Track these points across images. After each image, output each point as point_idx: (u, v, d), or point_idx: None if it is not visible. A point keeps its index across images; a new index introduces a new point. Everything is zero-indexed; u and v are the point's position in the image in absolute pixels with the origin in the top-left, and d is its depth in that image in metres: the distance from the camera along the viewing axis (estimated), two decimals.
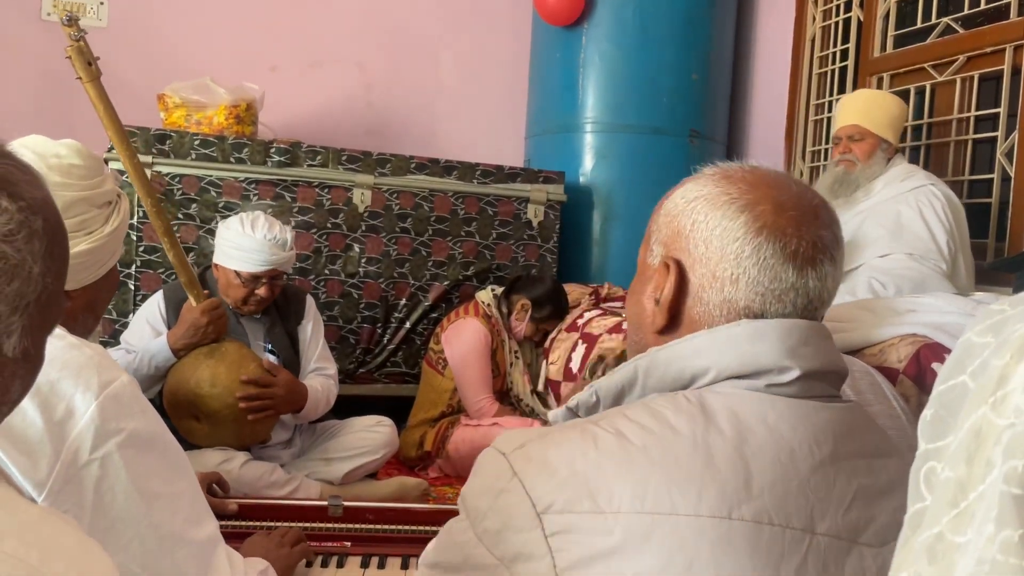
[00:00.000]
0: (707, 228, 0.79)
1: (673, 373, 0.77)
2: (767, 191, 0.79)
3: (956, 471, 0.42)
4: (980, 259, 2.68)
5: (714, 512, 0.67)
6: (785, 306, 0.77)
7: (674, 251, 0.82)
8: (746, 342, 0.75)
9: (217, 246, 2.34)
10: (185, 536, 1.05)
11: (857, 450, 0.74)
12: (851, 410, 0.78)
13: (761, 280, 0.76)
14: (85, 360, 1.01)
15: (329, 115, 3.97)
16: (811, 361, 0.75)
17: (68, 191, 1.14)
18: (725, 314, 0.78)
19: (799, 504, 0.69)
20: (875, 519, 0.72)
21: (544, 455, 0.71)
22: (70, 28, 1.72)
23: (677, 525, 0.66)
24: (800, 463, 0.71)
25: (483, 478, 0.74)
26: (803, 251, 0.76)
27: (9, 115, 3.50)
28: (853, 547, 0.70)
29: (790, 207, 0.78)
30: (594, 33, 3.51)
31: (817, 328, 0.78)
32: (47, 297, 0.65)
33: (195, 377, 2.10)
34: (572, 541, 0.67)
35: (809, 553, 0.68)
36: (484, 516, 0.72)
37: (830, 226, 0.80)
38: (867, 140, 2.54)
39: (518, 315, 2.94)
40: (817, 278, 0.77)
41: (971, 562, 0.39)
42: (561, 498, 0.68)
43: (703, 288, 0.79)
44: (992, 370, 0.42)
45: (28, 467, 0.93)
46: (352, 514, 1.73)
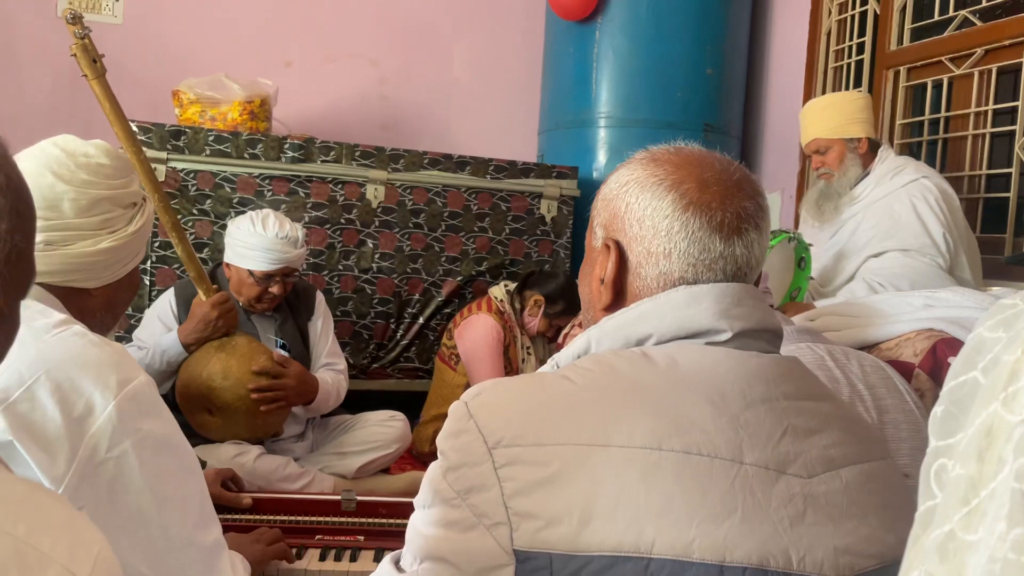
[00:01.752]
0: (639, 208, 0.86)
1: (621, 337, 0.83)
2: (691, 170, 0.86)
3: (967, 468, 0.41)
4: (998, 254, 2.65)
5: (645, 443, 0.73)
6: (716, 274, 0.84)
7: (612, 232, 0.89)
8: (684, 306, 0.82)
9: (228, 245, 2.36)
10: (194, 539, 1.06)
11: (789, 393, 0.80)
12: (786, 360, 0.85)
13: (691, 252, 0.83)
14: (105, 358, 1.02)
15: (342, 111, 3.98)
16: (744, 321, 0.81)
17: (94, 189, 1.16)
18: (661, 285, 0.85)
19: (728, 437, 0.75)
20: (804, 453, 0.77)
21: (497, 398, 0.80)
22: (74, 26, 1.73)
23: (610, 455, 0.73)
24: (732, 402, 0.77)
25: (448, 424, 0.81)
26: (728, 222, 0.83)
27: (25, 112, 3.53)
28: (781, 476, 0.75)
29: (713, 183, 0.84)
30: (608, 27, 3.50)
31: (748, 289, 0.84)
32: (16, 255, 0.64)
33: (207, 370, 2.11)
34: (517, 471, 0.74)
35: (736, 479, 0.73)
36: (447, 455, 0.79)
37: (753, 197, 0.86)
38: (832, 148, 2.53)
39: (531, 311, 2.94)
40: (744, 246, 0.84)
41: (983, 560, 0.38)
42: (509, 434, 0.75)
43: (640, 264, 0.86)
44: (1003, 366, 0.41)
45: (46, 462, 0.94)
46: (365, 508, 1.74)
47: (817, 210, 2.59)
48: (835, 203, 2.54)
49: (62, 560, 0.56)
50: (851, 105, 2.52)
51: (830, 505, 0.76)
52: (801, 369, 0.85)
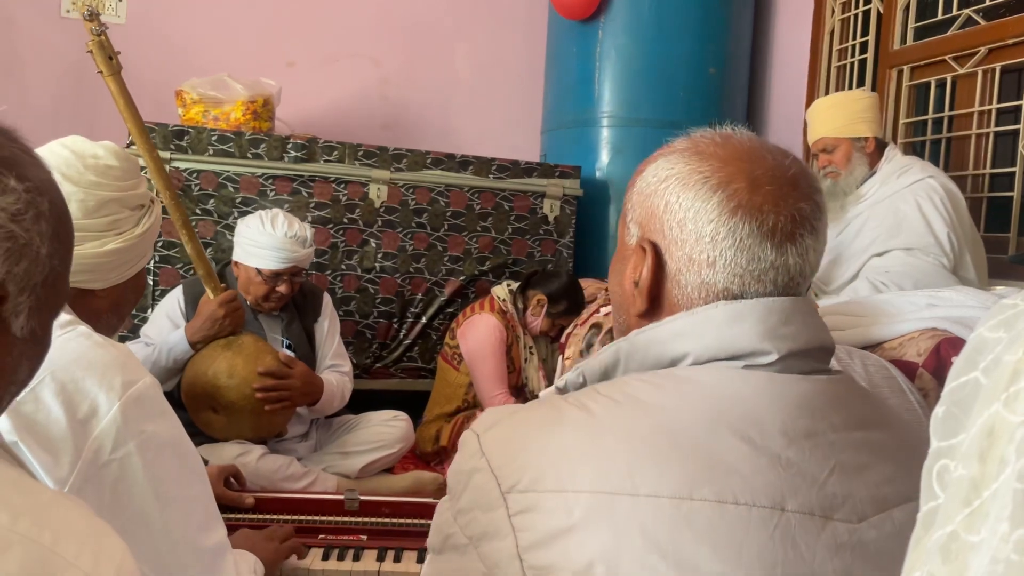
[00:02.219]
0: (681, 209, 0.76)
1: (653, 356, 0.75)
2: (740, 165, 0.76)
3: (969, 469, 0.41)
4: (1002, 253, 2.64)
5: (675, 492, 0.65)
6: (765, 286, 0.75)
7: (649, 232, 0.79)
8: (724, 325, 0.73)
9: (237, 244, 2.37)
10: (197, 541, 1.06)
11: (838, 424, 0.72)
12: (837, 382, 0.76)
13: (739, 261, 0.74)
14: (110, 359, 1.02)
15: (345, 110, 3.98)
16: (792, 342, 0.73)
17: (102, 191, 1.17)
18: (703, 296, 0.76)
19: (768, 481, 0.66)
20: (853, 494, 0.69)
21: (512, 434, 0.72)
22: (91, 23, 1.75)
23: (636, 505, 0.65)
24: (772, 440, 0.68)
25: (459, 458, 0.74)
26: (781, 227, 0.74)
27: (30, 112, 3.54)
28: (827, 523, 0.67)
29: (765, 182, 0.75)
30: (610, 27, 3.49)
31: (799, 304, 0.75)
32: (54, 279, 0.65)
33: (212, 369, 2.12)
34: (534, 520, 0.66)
35: (777, 530, 0.65)
36: (459, 496, 0.72)
37: (810, 196, 0.77)
38: (839, 147, 2.52)
39: (534, 310, 2.94)
40: (797, 254, 0.75)
41: (985, 561, 0.38)
42: (526, 477, 0.68)
43: (680, 271, 0.77)
44: (1004, 366, 0.41)
45: (50, 464, 0.94)
46: (368, 508, 1.75)
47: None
48: (841, 202, 2.53)
49: (86, 568, 0.56)
50: (858, 104, 2.52)
51: (880, 554, 0.68)
52: (851, 391, 0.77)
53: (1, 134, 0.64)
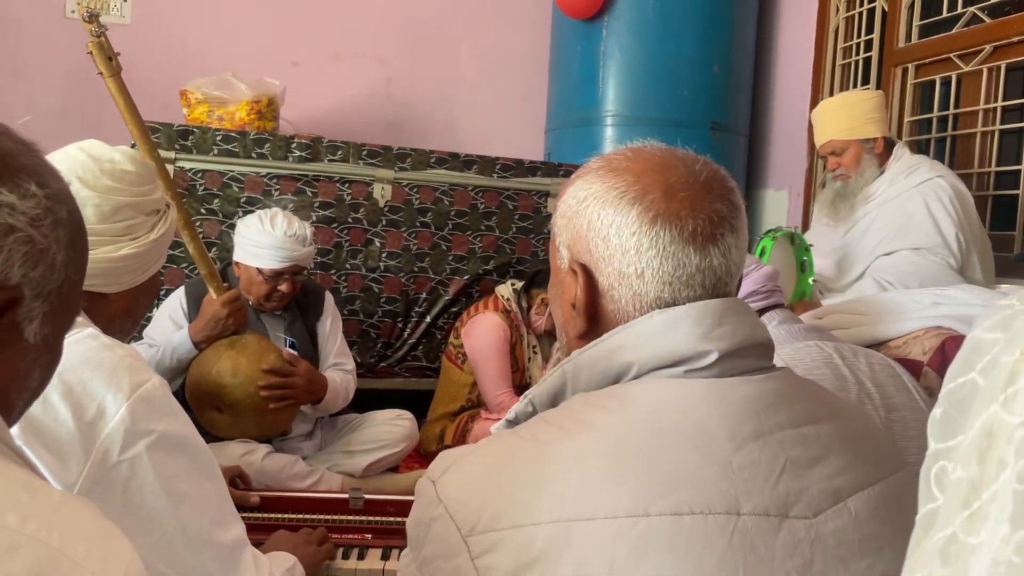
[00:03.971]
0: (603, 226, 0.78)
1: (599, 373, 0.77)
2: (654, 176, 0.78)
3: (968, 471, 0.41)
4: (1007, 251, 2.63)
5: (631, 511, 0.66)
6: (694, 290, 0.77)
7: (577, 253, 0.81)
8: (661, 333, 0.74)
9: (237, 244, 2.37)
10: (212, 538, 1.06)
11: (785, 421, 0.73)
12: (779, 379, 0.77)
13: (666, 269, 0.76)
14: (117, 361, 1.02)
15: (350, 110, 3.99)
16: (728, 341, 0.74)
17: (118, 195, 1.17)
18: (638, 308, 0.78)
19: (721, 488, 0.67)
20: (806, 490, 0.70)
21: (466, 476, 0.73)
22: (91, 24, 1.75)
23: (595, 529, 0.65)
24: (719, 446, 0.70)
25: (416, 507, 0.75)
26: (701, 230, 0.76)
27: (35, 112, 3.55)
28: (783, 522, 0.68)
29: (679, 188, 0.77)
30: (614, 26, 3.49)
31: (731, 304, 0.77)
32: (68, 288, 0.66)
33: (216, 368, 2.12)
34: (497, 559, 0.67)
35: (734, 536, 0.66)
36: (420, 545, 0.73)
37: (725, 196, 0.79)
38: (848, 150, 2.51)
39: (538, 309, 2.94)
40: (720, 254, 0.77)
41: (986, 563, 0.38)
42: (484, 517, 0.68)
43: (612, 287, 0.79)
44: (1002, 367, 0.41)
45: (57, 468, 0.94)
46: (373, 507, 1.75)
47: (832, 210, 2.59)
48: (851, 202, 2.53)
49: (94, 569, 0.57)
50: (865, 104, 2.51)
51: (840, 545, 0.69)
52: (795, 387, 0.78)
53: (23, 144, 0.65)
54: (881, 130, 2.51)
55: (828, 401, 0.80)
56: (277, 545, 1.46)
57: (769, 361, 0.79)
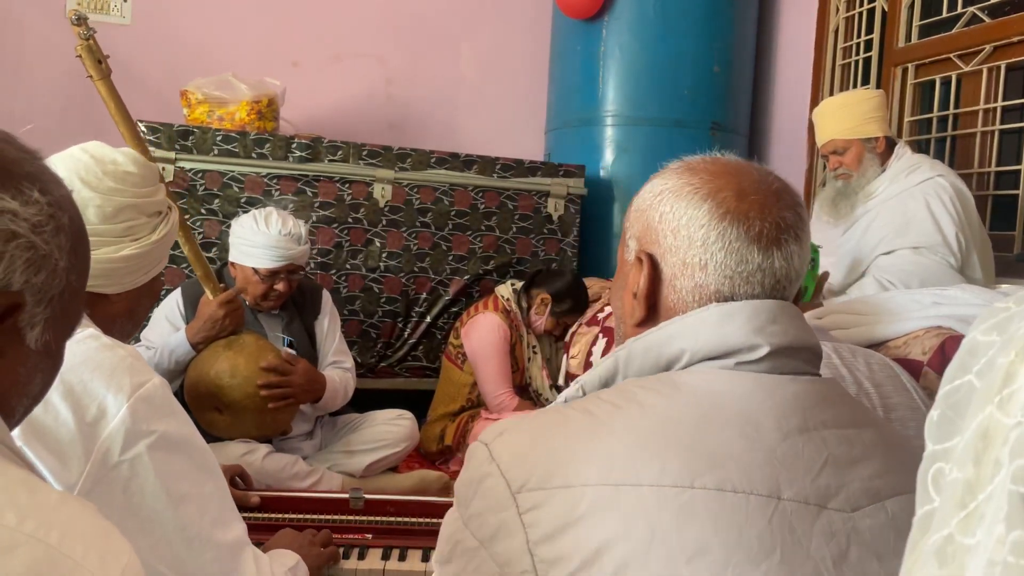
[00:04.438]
0: (674, 218, 0.82)
1: (651, 360, 0.79)
2: (728, 179, 0.82)
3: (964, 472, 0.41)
4: (1007, 251, 2.63)
5: (676, 482, 0.69)
6: (753, 287, 0.80)
7: (646, 244, 0.85)
8: (716, 324, 0.77)
9: (232, 245, 2.37)
10: (213, 538, 1.06)
11: (828, 421, 0.76)
12: (824, 383, 0.80)
13: (728, 264, 0.79)
14: (118, 361, 1.02)
15: (350, 110, 3.99)
16: (780, 338, 0.77)
17: (120, 196, 1.18)
18: (697, 299, 0.81)
19: (764, 473, 0.70)
20: (846, 486, 0.72)
21: (519, 439, 0.75)
22: (79, 27, 1.75)
23: (641, 494, 0.68)
24: (766, 435, 0.72)
25: (468, 468, 0.77)
26: (767, 233, 0.79)
27: (37, 113, 3.55)
28: (822, 512, 0.70)
29: (751, 192, 0.81)
30: (614, 26, 3.49)
31: (785, 307, 0.80)
32: (70, 294, 0.66)
33: (215, 369, 2.12)
34: (543, 515, 0.70)
35: (774, 517, 0.68)
36: (469, 502, 0.75)
37: (793, 207, 0.82)
38: (850, 149, 2.50)
39: (538, 309, 2.94)
40: (783, 258, 0.80)
41: (981, 564, 0.38)
42: (534, 477, 0.71)
43: (675, 276, 0.82)
44: (998, 369, 0.41)
45: (58, 468, 0.95)
46: (373, 506, 1.75)
47: (833, 209, 2.58)
48: (852, 201, 2.53)
49: (92, 568, 0.57)
50: (866, 104, 2.51)
51: (876, 541, 0.71)
52: (840, 393, 0.81)
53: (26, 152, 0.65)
54: (883, 129, 2.51)
55: (866, 412, 0.83)
56: (281, 543, 1.47)
57: (816, 368, 0.82)
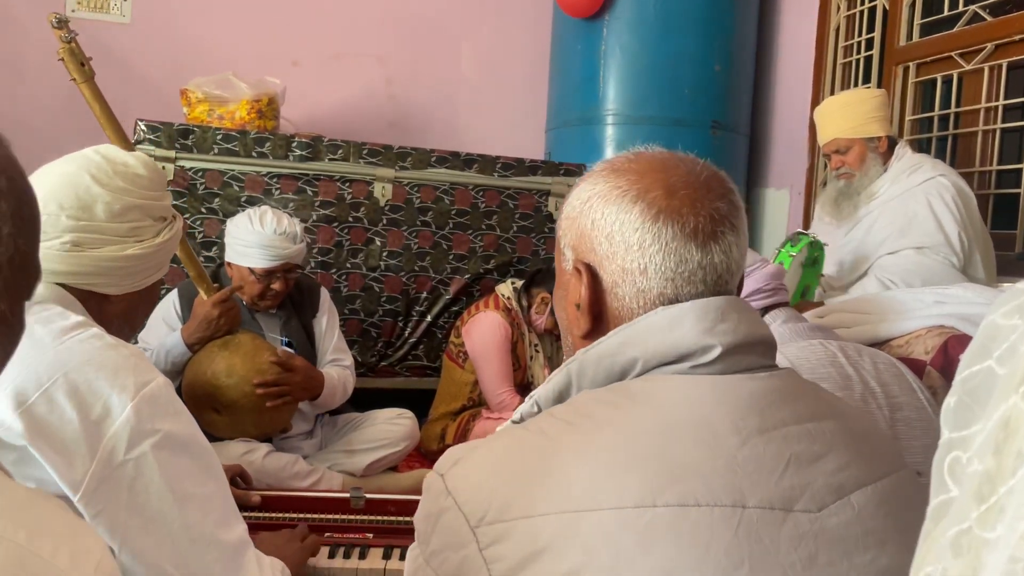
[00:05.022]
0: (606, 224, 0.80)
1: (604, 371, 0.78)
2: (656, 176, 0.80)
3: (984, 463, 0.40)
4: (1009, 250, 2.63)
5: (637, 502, 0.67)
6: (696, 286, 0.78)
7: (582, 253, 0.83)
8: (666, 328, 0.76)
9: (228, 245, 2.36)
10: (216, 538, 1.07)
11: (788, 418, 0.74)
12: (782, 377, 0.78)
13: (668, 265, 0.78)
14: (122, 360, 1.02)
15: (350, 109, 3.98)
16: (731, 336, 0.75)
17: (128, 196, 1.19)
18: (641, 305, 0.79)
19: (727, 481, 0.69)
20: (811, 484, 0.71)
21: (474, 469, 0.74)
22: (60, 31, 1.73)
23: (601, 519, 0.67)
24: (725, 440, 0.71)
25: (425, 501, 0.76)
26: (702, 227, 0.78)
27: (37, 112, 3.54)
28: (788, 515, 0.69)
29: (680, 187, 0.79)
30: (615, 25, 3.49)
31: (732, 302, 0.78)
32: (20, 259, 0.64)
33: (211, 369, 2.12)
34: (505, 549, 0.68)
35: (740, 527, 0.67)
36: (429, 539, 0.74)
37: (724, 195, 0.81)
38: (853, 148, 2.50)
39: (538, 308, 2.93)
40: (721, 251, 0.79)
41: (1003, 559, 0.37)
42: (492, 509, 0.69)
43: (616, 284, 0.80)
44: (1021, 356, 0.40)
45: (64, 467, 0.95)
46: (374, 506, 1.74)
47: (835, 208, 2.58)
48: (854, 201, 2.52)
49: (63, 567, 0.56)
50: (869, 103, 2.50)
51: (843, 539, 0.70)
52: (798, 385, 0.80)
53: None
54: (885, 129, 2.51)
55: (830, 401, 0.81)
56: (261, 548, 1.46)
57: (772, 359, 0.80)
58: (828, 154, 2.59)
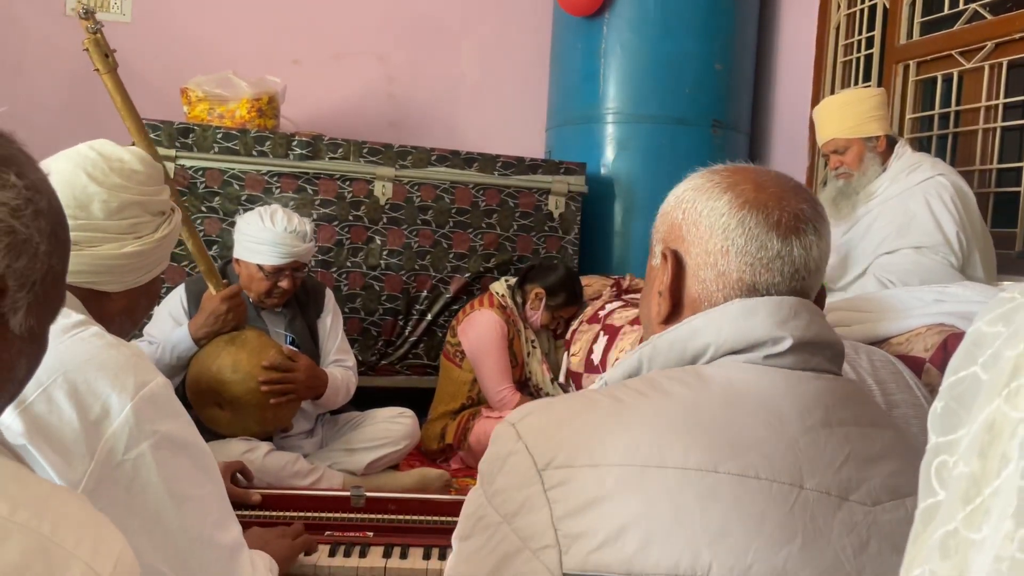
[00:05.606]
0: (695, 212, 0.85)
1: (676, 355, 0.81)
2: (747, 174, 0.86)
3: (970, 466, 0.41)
4: (1009, 248, 2.63)
5: (701, 465, 0.70)
6: (774, 275, 0.81)
7: (670, 243, 0.87)
8: (740, 317, 0.79)
9: (237, 242, 2.38)
10: (213, 539, 1.07)
11: (850, 418, 0.77)
12: (847, 383, 0.81)
13: (749, 249, 0.81)
14: (123, 360, 1.02)
15: (350, 108, 3.98)
16: (803, 331, 0.78)
17: (125, 193, 1.18)
18: (720, 288, 0.82)
19: (787, 462, 0.71)
20: (867, 480, 0.73)
21: (547, 419, 0.77)
22: (87, 21, 1.76)
23: (665, 475, 0.69)
24: (789, 426, 0.73)
25: (494, 446, 0.78)
26: (785, 221, 0.81)
27: (37, 111, 3.55)
28: (843, 503, 0.71)
29: (769, 185, 0.84)
30: (615, 23, 3.49)
31: (806, 304, 0.81)
32: (52, 278, 0.66)
33: (217, 364, 2.12)
34: (568, 491, 0.70)
35: (796, 505, 0.70)
36: (493, 479, 0.76)
37: (810, 201, 0.84)
38: (851, 148, 2.49)
39: (533, 304, 2.94)
40: (802, 247, 0.82)
41: (988, 559, 0.38)
42: (561, 455, 0.72)
43: (699, 267, 0.84)
44: (1005, 361, 0.41)
45: (62, 466, 0.94)
46: (374, 504, 1.75)
47: (834, 208, 2.58)
48: (853, 201, 2.52)
49: (85, 558, 0.57)
50: (868, 103, 2.50)
51: (895, 535, 0.71)
52: (862, 394, 0.82)
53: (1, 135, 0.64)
54: (884, 128, 2.50)
55: (887, 415, 0.84)
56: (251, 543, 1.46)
57: (838, 367, 0.83)
58: (827, 154, 2.59)
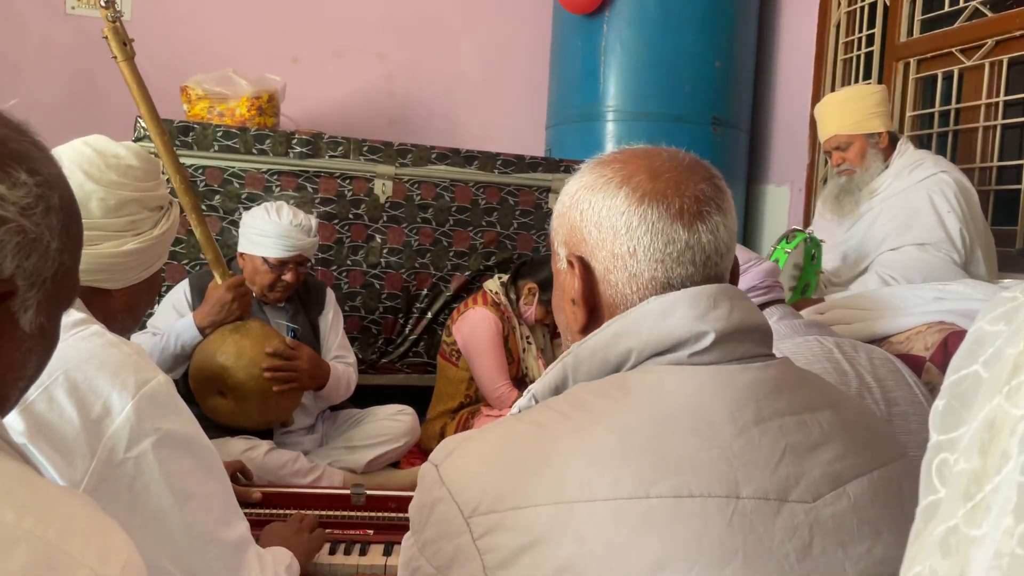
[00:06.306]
0: (594, 213, 0.81)
1: (599, 363, 0.78)
2: (639, 163, 0.82)
3: (970, 463, 0.41)
4: (1009, 246, 2.63)
5: (632, 493, 0.67)
6: (686, 267, 0.78)
7: (573, 247, 0.84)
8: (658, 317, 0.76)
9: (242, 235, 2.40)
10: (217, 536, 1.06)
11: (784, 408, 0.74)
12: (777, 367, 0.78)
13: (656, 247, 0.78)
14: (123, 358, 1.02)
15: (351, 106, 3.98)
16: (724, 322, 0.75)
17: (123, 190, 1.18)
18: (635, 289, 0.79)
19: (721, 472, 0.68)
20: (806, 474, 0.71)
21: (469, 459, 0.73)
22: (107, 9, 1.80)
23: (594, 511, 0.66)
24: (720, 431, 0.70)
25: (420, 491, 0.76)
26: (687, 208, 0.78)
27: (38, 109, 3.53)
28: (783, 505, 0.69)
29: (664, 171, 0.80)
30: (615, 21, 3.48)
31: (725, 289, 0.78)
32: (63, 274, 0.65)
33: (221, 351, 2.13)
34: (498, 540, 0.68)
35: (734, 517, 0.67)
36: (423, 529, 0.74)
37: (708, 179, 0.81)
38: (854, 144, 2.50)
39: (526, 299, 2.93)
40: (709, 231, 0.79)
41: (988, 555, 0.38)
42: (486, 500, 0.69)
43: (608, 271, 0.80)
44: (1006, 359, 0.41)
45: (63, 466, 0.94)
46: (374, 502, 1.75)
47: (836, 205, 2.58)
48: (855, 197, 2.52)
49: (92, 565, 0.56)
50: (870, 99, 2.50)
51: (839, 529, 0.70)
52: (795, 375, 0.79)
53: (12, 129, 0.64)
54: (886, 124, 2.51)
55: (827, 391, 0.81)
56: (270, 540, 1.46)
57: (768, 348, 0.80)
58: (829, 151, 2.59)
